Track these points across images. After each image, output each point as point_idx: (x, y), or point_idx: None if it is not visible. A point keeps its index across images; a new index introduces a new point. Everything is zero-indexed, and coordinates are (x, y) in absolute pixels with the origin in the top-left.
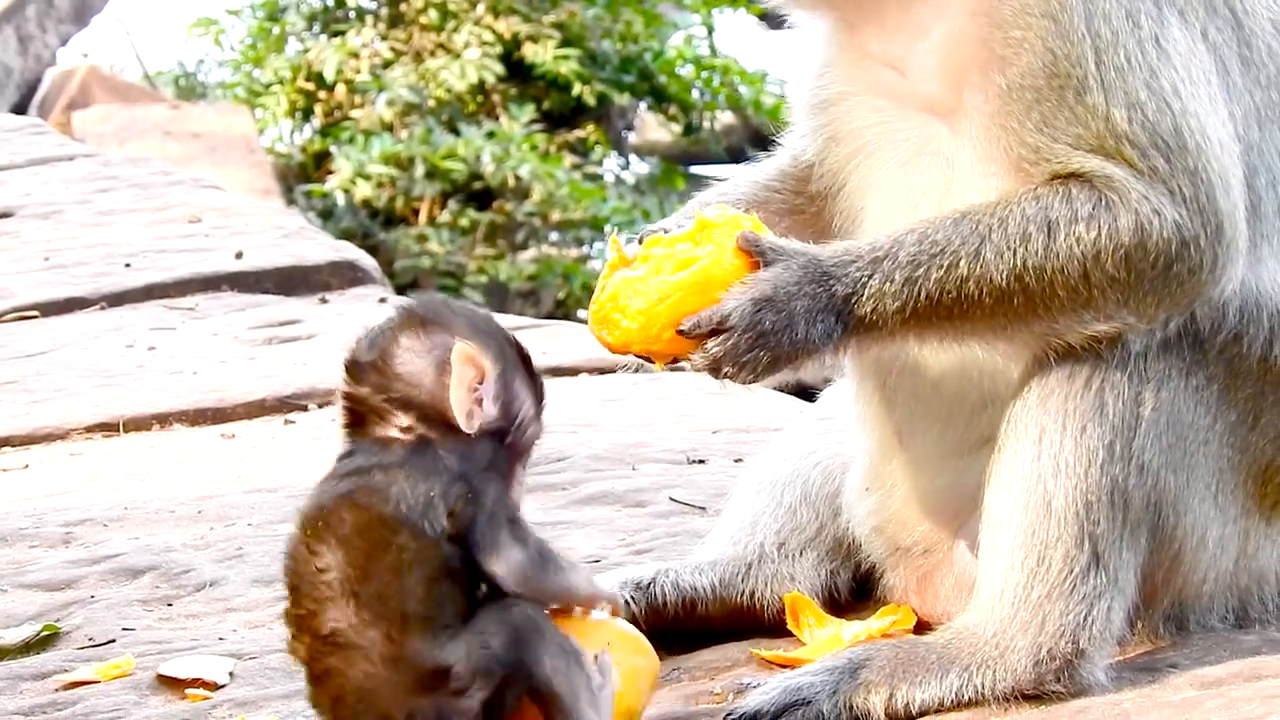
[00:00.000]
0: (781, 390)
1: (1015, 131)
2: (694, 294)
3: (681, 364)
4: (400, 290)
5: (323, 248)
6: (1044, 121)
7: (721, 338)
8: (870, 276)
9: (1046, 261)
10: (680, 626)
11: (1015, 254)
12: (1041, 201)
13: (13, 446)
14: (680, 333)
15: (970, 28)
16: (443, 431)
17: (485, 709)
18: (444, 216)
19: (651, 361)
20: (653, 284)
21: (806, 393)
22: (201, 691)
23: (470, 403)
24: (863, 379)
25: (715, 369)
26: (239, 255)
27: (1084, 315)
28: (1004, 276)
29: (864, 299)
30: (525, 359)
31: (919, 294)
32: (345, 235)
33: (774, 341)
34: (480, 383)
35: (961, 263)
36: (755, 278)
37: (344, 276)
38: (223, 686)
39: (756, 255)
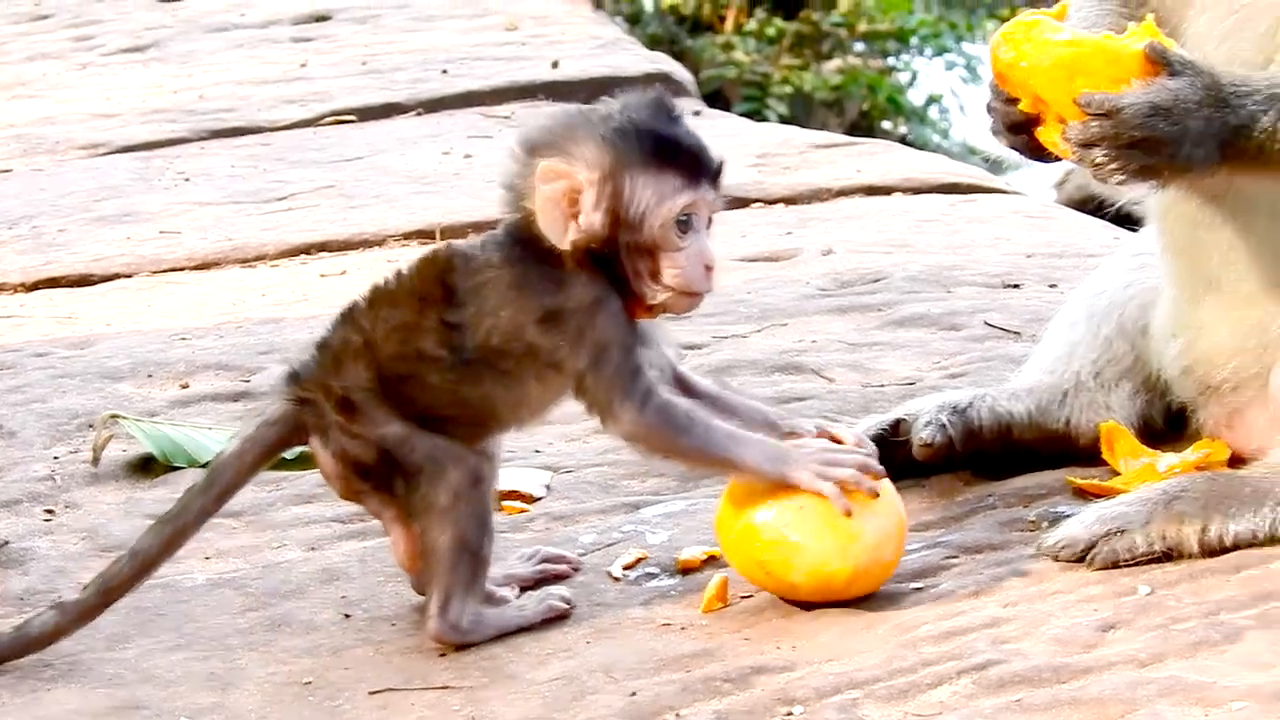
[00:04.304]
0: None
1: None
2: (1101, 58)
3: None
4: (705, 99)
5: (638, 59)
6: None
7: (1109, 123)
8: (1265, 113)
9: None
10: (995, 450)
11: None
12: None
13: (330, 252)
14: (1075, 101)
15: None
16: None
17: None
18: (751, 25)
19: (1018, 117)
20: (1069, 33)
21: (1126, 220)
22: (519, 504)
23: (564, 219)
24: (1171, 226)
25: (1087, 148)
26: (555, 65)
27: None
28: None
29: (1254, 134)
30: (665, 147)
31: None
32: (653, 41)
33: (1154, 151)
34: (578, 195)
35: None
36: (1159, 83)
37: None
38: (539, 500)
39: (1164, 65)
